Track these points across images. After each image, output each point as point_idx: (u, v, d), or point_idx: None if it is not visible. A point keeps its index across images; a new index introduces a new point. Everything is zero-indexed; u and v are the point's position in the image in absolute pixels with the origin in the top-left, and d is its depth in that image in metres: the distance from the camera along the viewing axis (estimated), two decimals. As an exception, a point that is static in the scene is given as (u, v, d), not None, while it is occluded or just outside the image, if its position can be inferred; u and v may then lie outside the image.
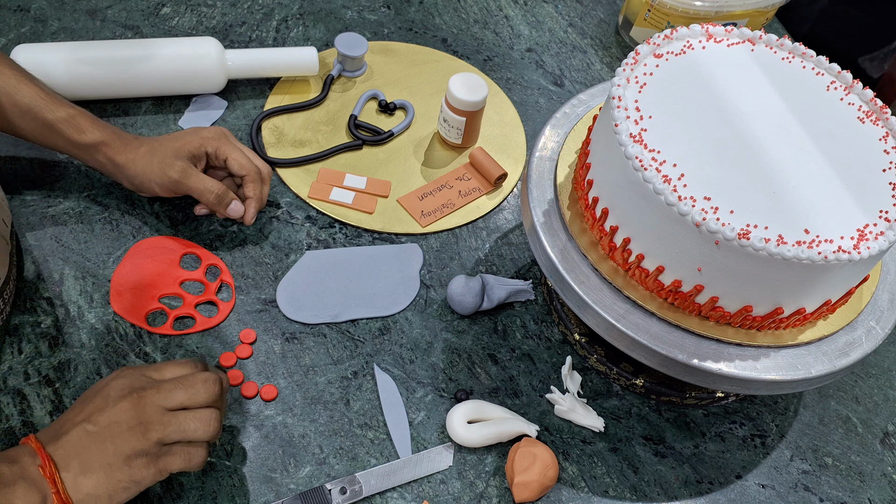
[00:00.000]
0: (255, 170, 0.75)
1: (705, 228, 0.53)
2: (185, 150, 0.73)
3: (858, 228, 0.55)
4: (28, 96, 0.70)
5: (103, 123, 0.73)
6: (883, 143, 0.61)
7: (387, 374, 0.71)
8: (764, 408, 0.74)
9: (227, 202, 0.74)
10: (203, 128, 0.76)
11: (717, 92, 0.62)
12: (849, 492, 0.70)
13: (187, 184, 0.72)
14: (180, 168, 0.72)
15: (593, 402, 0.72)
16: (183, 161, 0.72)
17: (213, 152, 0.74)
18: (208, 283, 0.74)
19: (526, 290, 0.77)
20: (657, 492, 0.68)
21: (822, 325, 0.62)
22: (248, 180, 0.75)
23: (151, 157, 0.72)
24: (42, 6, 0.95)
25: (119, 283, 0.73)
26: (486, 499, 0.65)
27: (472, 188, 0.85)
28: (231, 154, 0.74)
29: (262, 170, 0.76)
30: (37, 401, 0.66)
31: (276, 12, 1.00)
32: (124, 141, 0.73)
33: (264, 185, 0.76)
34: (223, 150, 0.74)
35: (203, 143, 0.74)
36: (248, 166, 0.75)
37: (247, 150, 0.76)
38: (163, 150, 0.72)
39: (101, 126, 0.72)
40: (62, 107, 0.71)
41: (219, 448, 0.65)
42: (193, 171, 0.73)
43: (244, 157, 0.75)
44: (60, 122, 0.71)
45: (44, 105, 0.70)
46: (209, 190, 0.73)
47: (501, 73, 0.98)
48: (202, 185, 0.72)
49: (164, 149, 0.72)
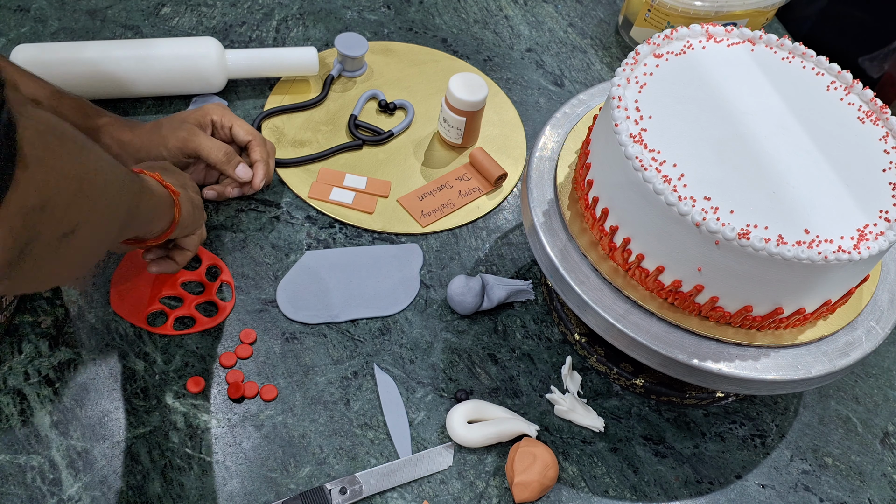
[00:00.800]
0: (260, 136, 0.78)
1: (705, 228, 0.53)
2: (192, 118, 0.76)
3: (858, 228, 0.55)
4: (31, 87, 0.71)
5: (105, 111, 0.75)
6: (883, 143, 0.61)
7: (387, 374, 0.71)
8: (764, 408, 0.74)
9: (236, 162, 0.75)
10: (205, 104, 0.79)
11: (718, 92, 0.62)
12: (849, 492, 0.70)
13: (196, 140, 0.73)
14: (189, 127, 0.74)
15: (593, 402, 0.72)
16: (189, 125, 0.75)
17: (219, 120, 0.77)
18: (208, 284, 0.74)
19: (526, 290, 0.77)
20: (657, 492, 0.68)
21: (822, 325, 0.62)
22: (253, 144, 0.77)
23: (158, 129, 0.74)
24: (42, 6, 0.95)
25: (119, 284, 0.73)
26: (486, 499, 0.65)
27: (472, 188, 0.85)
28: (236, 122, 0.77)
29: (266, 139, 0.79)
30: (37, 401, 0.66)
31: (276, 12, 1.00)
32: (129, 123, 0.75)
33: (270, 156, 0.79)
34: (228, 119, 0.77)
35: (208, 112, 0.77)
36: (253, 131, 0.78)
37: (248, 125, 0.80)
38: (169, 121, 0.75)
39: (103, 111, 0.74)
40: (65, 96, 0.72)
41: (219, 448, 0.65)
42: (200, 133, 0.74)
43: (248, 125, 0.78)
44: (65, 107, 0.72)
45: (47, 94, 0.71)
46: (217, 147, 0.74)
47: (501, 73, 0.98)
48: (211, 142, 0.74)
49: (170, 120, 0.75)
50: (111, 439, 0.65)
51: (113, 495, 0.62)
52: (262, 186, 0.77)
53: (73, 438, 0.64)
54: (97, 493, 0.62)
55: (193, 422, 0.66)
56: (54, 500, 0.61)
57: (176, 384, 0.68)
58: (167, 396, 0.67)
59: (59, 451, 0.64)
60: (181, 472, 0.64)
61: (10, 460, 0.63)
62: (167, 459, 0.64)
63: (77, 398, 0.66)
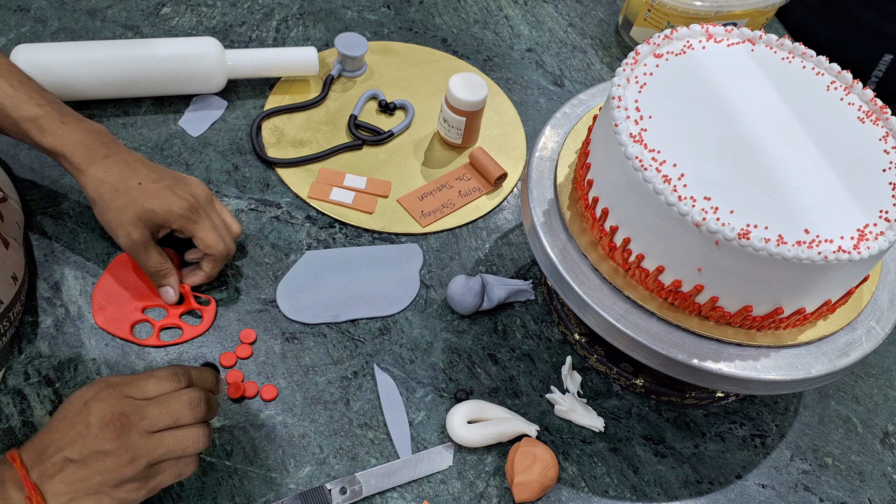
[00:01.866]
0: (222, 253, 0.70)
1: (705, 228, 0.53)
2: (148, 220, 0.67)
3: (858, 228, 0.55)
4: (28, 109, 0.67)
5: (75, 125, 0.68)
6: (883, 143, 0.61)
7: (387, 374, 0.71)
8: (764, 408, 0.74)
9: (163, 284, 0.70)
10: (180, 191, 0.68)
11: (717, 92, 0.62)
12: (849, 492, 0.70)
13: (135, 255, 0.68)
14: (132, 240, 0.67)
15: (593, 402, 0.72)
16: (139, 231, 0.67)
17: (179, 229, 0.69)
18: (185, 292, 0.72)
19: (526, 290, 0.77)
20: (657, 492, 0.68)
21: (822, 325, 0.62)
22: (208, 259, 0.71)
23: (111, 203, 0.66)
24: (42, 6, 0.95)
25: (101, 297, 0.71)
26: (486, 499, 0.65)
27: (472, 188, 0.85)
28: (199, 234, 0.69)
29: (229, 251, 0.71)
30: (37, 401, 0.66)
31: (276, 12, 1.00)
32: (89, 156, 0.67)
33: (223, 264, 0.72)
34: (189, 229, 0.69)
35: (168, 220, 0.68)
36: (215, 247, 0.69)
37: (224, 212, 0.72)
38: (126, 205, 0.66)
39: (67, 131, 0.67)
40: (30, 105, 0.67)
41: (219, 448, 0.65)
42: (144, 246, 0.67)
43: (213, 237, 0.69)
44: (24, 121, 0.67)
45: (10, 102, 0.67)
46: (151, 266, 0.69)
47: (501, 73, 0.98)
48: (148, 261, 0.68)
49: (127, 202, 0.66)
50: (111, 439, 0.65)
51: (113, 495, 0.62)
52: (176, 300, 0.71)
53: (73, 438, 0.64)
54: (97, 493, 0.62)
55: (193, 422, 0.66)
56: (54, 500, 0.61)
57: (176, 384, 0.68)
58: (167, 396, 0.67)
59: (59, 451, 0.63)
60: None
61: (10, 460, 0.63)
62: (167, 459, 0.64)
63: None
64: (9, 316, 0.66)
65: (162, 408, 0.54)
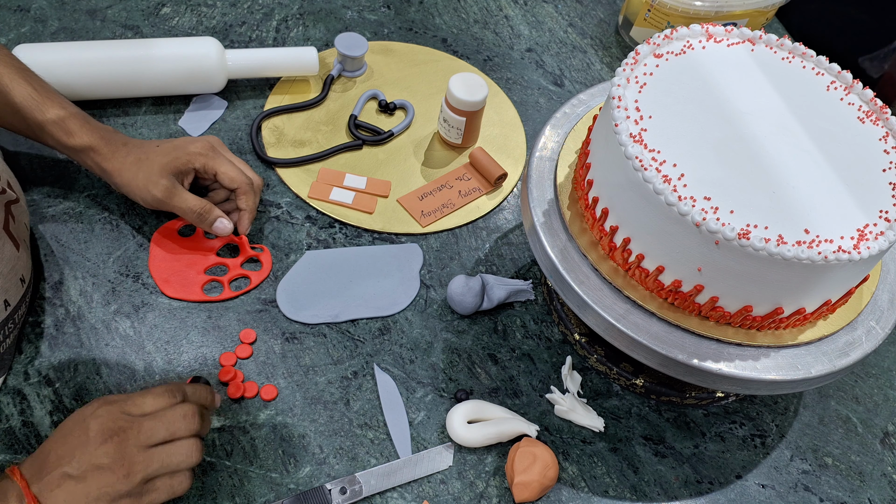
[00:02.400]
0: (247, 182, 0.74)
1: (705, 228, 0.53)
2: (172, 167, 0.71)
3: (858, 228, 0.55)
4: (20, 95, 0.69)
5: (95, 125, 0.72)
6: (883, 143, 0.61)
7: (387, 374, 0.71)
8: (764, 408, 0.74)
9: (211, 220, 0.73)
10: (192, 140, 0.74)
11: (717, 92, 0.62)
12: (849, 492, 0.70)
13: (170, 203, 0.71)
14: (164, 187, 0.70)
15: (593, 402, 0.72)
16: (168, 179, 0.71)
17: (202, 168, 0.73)
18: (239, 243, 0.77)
19: (526, 290, 0.77)
20: (657, 492, 0.68)
21: (822, 325, 0.62)
22: (240, 192, 0.74)
23: (138, 171, 0.70)
24: (42, 6, 0.95)
25: (160, 272, 0.74)
26: (486, 499, 0.65)
27: (472, 188, 0.85)
28: (220, 168, 0.73)
29: (253, 181, 0.75)
30: (37, 401, 0.66)
31: (276, 12, 1.00)
32: (113, 147, 0.71)
33: (256, 196, 0.76)
34: (211, 165, 0.73)
35: (190, 160, 0.72)
36: (238, 179, 0.74)
37: (237, 160, 0.76)
38: (149, 165, 0.71)
39: (91, 129, 0.71)
40: (53, 107, 0.70)
41: (219, 448, 0.65)
42: (177, 189, 0.71)
43: (234, 170, 0.74)
44: (49, 123, 0.70)
45: (34, 105, 0.69)
46: (191, 209, 0.71)
47: (501, 73, 0.98)
48: (185, 204, 0.71)
49: (150, 163, 0.71)
50: (111, 439, 0.65)
51: (113, 495, 0.62)
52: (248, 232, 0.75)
53: (73, 438, 0.64)
54: (97, 493, 0.62)
55: (193, 422, 0.66)
56: (54, 500, 0.61)
57: (176, 384, 0.68)
58: (167, 396, 0.67)
59: (59, 451, 0.63)
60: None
61: (11, 460, 0.63)
62: (167, 459, 0.64)
63: (77, 398, 0.66)
64: (14, 318, 0.66)
65: (157, 422, 0.56)
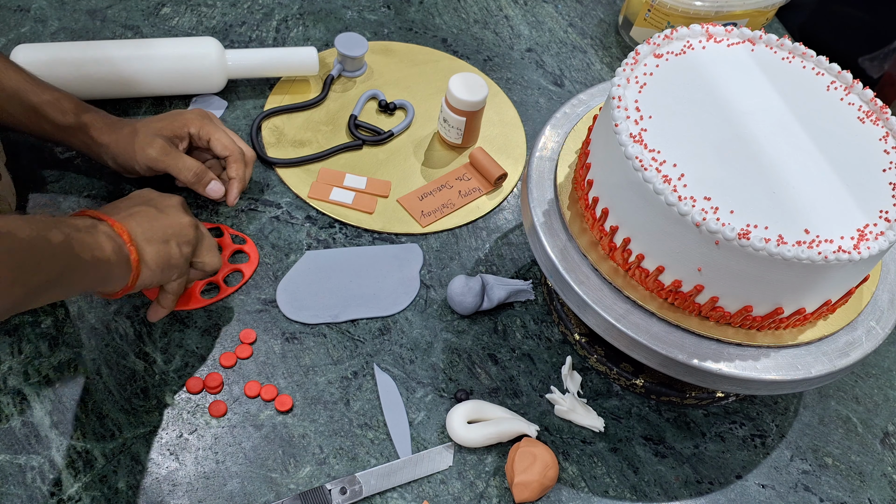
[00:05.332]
0: (239, 151, 0.76)
1: (705, 228, 0.53)
2: (168, 130, 0.74)
3: (858, 228, 0.55)
4: (14, 80, 0.71)
5: (87, 106, 0.74)
6: (883, 143, 0.61)
7: (387, 374, 0.71)
8: (764, 408, 0.74)
9: (206, 181, 0.74)
10: (186, 110, 0.77)
11: (717, 92, 0.62)
12: (849, 492, 0.70)
13: (166, 161, 0.73)
14: (160, 146, 0.72)
15: (593, 402, 0.72)
16: (163, 139, 0.73)
17: (196, 133, 0.75)
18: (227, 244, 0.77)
19: (526, 290, 0.77)
20: (657, 492, 0.68)
21: (822, 325, 0.62)
22: (231, 160, 0.76)
23: (134, 137, 0.73)
24: (42, 6, 0.95)
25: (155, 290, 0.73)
26: (486, 499, 0.65)
27: (472, 188, 0.85)
28: (214, 135, 0.75)
29: (245, 152, 0.77)
30: (37, 401, 0.66)
31: (276, 12, 1.00)
32: (108, 122, 0.74)
33: (247, 167, 0.77)
34: (206, 131, 0.75)
35: (186, 124, 0.75)
36: (231, 147, 0.76)
37: (230, 132, 0.77)
38: (145, 130, 0.73)
39: (85, 108, 0.73)
40: (46, 90, 0.72)
41: (219, 448, 0.65)
42: (173, 149, 0.73)
43: (227, 139, 0.76)
44: (45, 104, 0.71)
45: (29, 88, 0.71)
46: (187, 168, 0.73)
47: (501, 73, 0.98)
48: (181, 163, 0.73)
49: (146, 128, 0.73)
50: (111, 439, 0.65)
51: (113, 495, 0.62)
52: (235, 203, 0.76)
53: (73, 438, 0.64)
54: (97, 493, 0.62)
55: (193, 422, 0.66)
56: (54, 500, 0.61)
57: (176, 384, 0.68)
58: (167, 396, 0.67)
59: (59, 451, 0.64)
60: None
61: (10, 460, 0.63)
62: (167, 459, 0.64)
63: (77, 398, 0.66)
64: None
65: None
